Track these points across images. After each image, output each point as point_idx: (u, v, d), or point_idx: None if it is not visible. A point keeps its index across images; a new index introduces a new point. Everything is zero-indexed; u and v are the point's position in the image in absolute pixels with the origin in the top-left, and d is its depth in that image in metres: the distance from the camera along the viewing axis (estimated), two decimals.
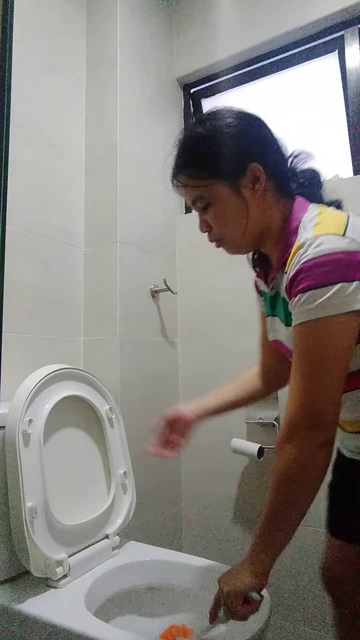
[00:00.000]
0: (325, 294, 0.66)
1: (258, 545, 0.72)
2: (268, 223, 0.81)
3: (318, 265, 0.67)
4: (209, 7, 1.82)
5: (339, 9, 1.53)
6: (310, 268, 0.67)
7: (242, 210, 0.80)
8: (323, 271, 0.66)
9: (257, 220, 0.80)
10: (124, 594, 1.11)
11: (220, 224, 0.83)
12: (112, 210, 1.52)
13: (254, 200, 0.79)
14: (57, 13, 1.54)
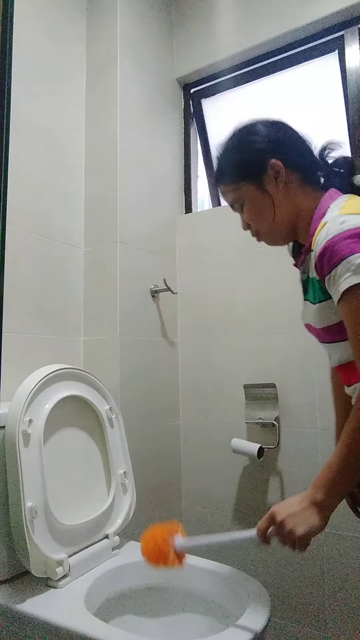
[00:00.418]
0: (351, 263, 0.70)
1: (331, 491, 0.75)
2: (297, 212, 0.87)
3: (344, 239, 0.71)
4: (209, 7, 1.82)
5: (339, 9, 1.53)
6: (337, 242, 0.72)
7: (269, 204, 0.87)
8: (349, 242, 0.71)
9: (285, 211, 0.87)
10: (124, 594, 1.11)
11: (253, 219, 0.90)
12: (112, 210, 1.52)
13: (278, 193, 0.86)
14: (57, 13, 1.54)
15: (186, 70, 1.87)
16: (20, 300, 1.33)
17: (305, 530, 0.74)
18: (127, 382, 1.48)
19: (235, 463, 1.61)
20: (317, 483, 0.76)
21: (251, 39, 1.70)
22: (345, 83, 1.58)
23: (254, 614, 0.91)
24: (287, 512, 0.76)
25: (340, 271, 0.72)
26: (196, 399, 1.72)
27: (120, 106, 1.56)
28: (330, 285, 0.75)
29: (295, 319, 1.52)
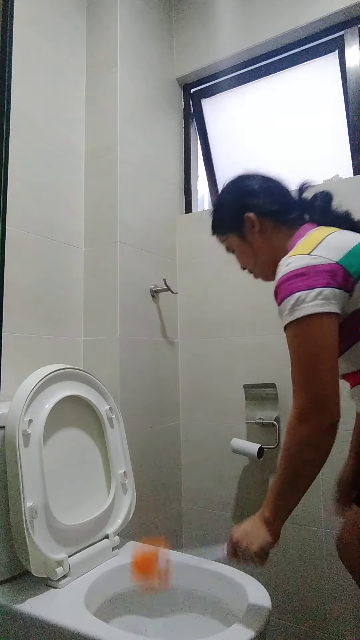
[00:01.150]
0: (292, 302, 0.82)
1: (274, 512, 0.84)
2: (275, 252, 0.99)
3: (285, 281, 0.84)
4: (209, 7, 1.82)
5: (339, 9, 1.53)
6: (281, 284, 0.84)
7: (250, 249, 1.03)
8: (288, 284, 0.83)
9: (265, 253, 1.01)
10: (124, 594, 1.11)
11: (242, 262, 1.07)
12: (112, 210, 1.52)
13: (256, 240, 1.01)
14: (57, 13, 1.54)
15: (186, 70, 1.87)
16: (20, 300, 1.33)
17: (258, 546, 0.82)
18: (127, 382, 1.48)
19: (235, 463, 1.61)
20: (265, 502, 0.85)
21: (251, 39, 1.70)
22: (345, 83, 1.58)
23: (254, 614, 0.91)
24: (241, 533, 0.85)
25: (281, 309, 0.84)
26: (196, 399, 1.72)
27: (120, 106, 1.56)
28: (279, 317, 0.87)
29: None
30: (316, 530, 1.43)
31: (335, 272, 0.82)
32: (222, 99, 1.87)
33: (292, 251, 0.87)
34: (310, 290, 0.80)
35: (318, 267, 0.82)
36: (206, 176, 1.94)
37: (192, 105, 1.93)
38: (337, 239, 0.87)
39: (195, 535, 1.68)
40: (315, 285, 0.81)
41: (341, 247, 0.85)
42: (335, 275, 0.82)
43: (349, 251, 0.84)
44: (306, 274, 0.82)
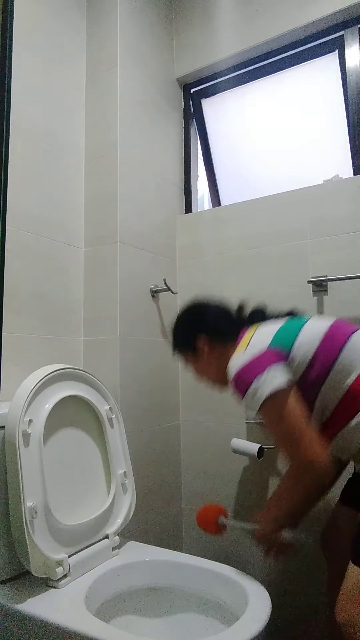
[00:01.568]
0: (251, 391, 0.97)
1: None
2: (224, 366, 1.12)
3: (237, 379, 1.01)
4: (209, 7, 1.82)
5: (339, 9, 1.53)
6: (235, 383, 1.02)
7: (203, 366, 1.21)
8: (241, 381, 1.00)
9: (216, 367, 1.18)
10: (124, 594, 1.11)
11: (200, 377, 1.25)
12: (112, 210, 1.52)
13: (209, 359, 1.19)
14: (57, 13, 1.54)
15: (186, 70, 1.87)
16: (20, 300, 1.33)
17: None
18: (127, 382, 1.48)
19: (235, 463, 1.61)
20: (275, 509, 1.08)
21: (251, 39, 1.70)
22: (345, 83, 1.58)
23: (254, 614, 0.91)
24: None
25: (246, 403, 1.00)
26: (196, 399, 1.72)
27: (120, 106, 1.56)
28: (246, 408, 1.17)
29: None
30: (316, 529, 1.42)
31: (271, 354, 0.99)
32: (222, 99, 1.87)
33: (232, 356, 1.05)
34: (261, 375, 0.96)
35: (258, 355, 1.00)
36: (206, 176, 1.94)
37: (192, 105, 1.93)
38: (262, 331, 1.06)
39: (195, 535, 1.68)
40: (262, 370, 0.97)
41: (268, 334, 1.03)
42: (273, 356, 0.99)
43: (274, 335, 1.02)
44: (251, 365, 0.99)
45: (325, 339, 1.00)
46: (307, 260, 1.52)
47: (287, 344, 1.00)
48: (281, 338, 1.02)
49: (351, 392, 0.96)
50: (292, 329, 1.04)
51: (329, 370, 0.98)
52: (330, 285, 1.47)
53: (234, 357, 1.04)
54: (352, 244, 1.45)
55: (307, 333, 1.02)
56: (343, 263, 1.45)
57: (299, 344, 1.00)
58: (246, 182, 1.85)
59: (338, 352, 0.98)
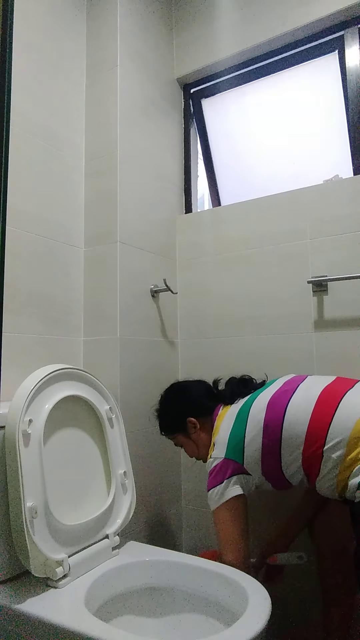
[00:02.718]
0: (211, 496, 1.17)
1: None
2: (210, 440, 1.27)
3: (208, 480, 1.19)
4: (209, 7, 1.82)
5: (339, 9, 1.53)
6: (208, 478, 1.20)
7: (193, 444, 1.32)
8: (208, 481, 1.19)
9: (205, 442, 1.29)
10: (124, 594, 1.11)
11: (190, 454, 1.35)
12: (112, 210, 1.52)
13: (198, 436, 1.31)
14: (57, 13, 1.54)
15: (186, 70, 1.87)
16: (20, 300, 1.33)
17: None
18: (127, 382, 1.48)
19: None
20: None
21: (251, 39, 1.70)
22: (345, 83, 1.58)
23: (254, 614, 0.91)
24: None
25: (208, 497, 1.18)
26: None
27: (120, 106, 1.56)
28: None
29: (295, 319, 1.52)
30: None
31: (228, 466, 1.15)
32: (222, 99, 1.87)
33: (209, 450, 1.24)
34: (215, 488, 1.15)
35: (217, 466, 1.16)
36: (206, 176, 1.94)
37: (192, 105, 1.93)
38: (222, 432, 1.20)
39: (195, 535, 1.68)
40: (218, 481, 1.15)
41: (223, 442, 1.17)
42: (228, 468, 1.15)
43: (227, 444, 1.16)
44: (212, 473, 1.17)
45: (265, 429, 1.12)
46: (307, 260, 1.52)
47: (239, 456, 1.15)
48: (232, 448, 1.16)
49: (306, 458, 1.08)
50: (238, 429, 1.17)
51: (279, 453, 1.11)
52: (330, 285, 1.47)
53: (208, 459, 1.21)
54: (352, 244, 1.45)
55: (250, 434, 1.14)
56: (343, 263, 1.45)
57: (246, 455, 1.14)
58: (246, 182, 1.85)
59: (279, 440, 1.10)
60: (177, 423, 1.33)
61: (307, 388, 1.14)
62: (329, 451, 1.04)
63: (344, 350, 1.43)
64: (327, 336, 1.47)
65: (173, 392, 1.40)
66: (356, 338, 1.42)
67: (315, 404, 1.08)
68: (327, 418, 1.05)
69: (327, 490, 1.08)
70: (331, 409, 1.05)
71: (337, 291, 1.46)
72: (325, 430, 1.04)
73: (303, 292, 1.51)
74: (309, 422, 1.07)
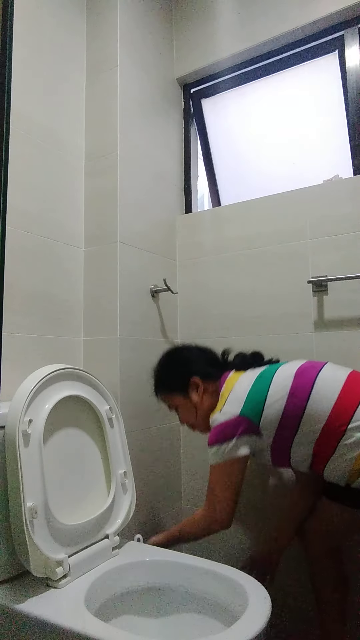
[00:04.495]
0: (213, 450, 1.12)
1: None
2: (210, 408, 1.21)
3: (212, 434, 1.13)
4: (209, 7, 1.82)
5: (339, 9, 1.53)
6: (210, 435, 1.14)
7: (192, 408, 1.25)
8: (212, 436, 1.13)
9: (205, 409, 1.22)
10: (124, 594, 1.11)
11: (185, 418, 1.29)
12: (112, 210, 1.52)
13: (199, 399, 1.23)
14: (57, 13, 1.54)
15: (186, 70, 1.87)
16: (20, 300, 1.33)
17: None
18: (127, 382, 1.48)
19: None
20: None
21: (251, 39, 1.70)
22: (345, 83, 1.58)
23: (254, 614, 0.91)
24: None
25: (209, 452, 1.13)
26: None
27: (120, 106, 1.56)
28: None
29: (295, 319, 1.52)
30: None
31: (241, 423, 1.09)
32: (222, 99, 1.87)
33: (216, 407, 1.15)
34: (222, 443, 1.09)
35: (228, 422, 1.10)
36: (206, 176, 1.94)
37: (192, 105, 1.93)
38: (238, 389, 1.13)
39: None
40: (227, 437, 1.09)
41: (240, 398, 1.11)
42: (241, 425, 1.09)
43: (245, 400, 1.10)
44: (220, 428, 1.10)
45: (290, 396, 1.08)
46: (307, 260, 1.52)
47: (256, 415, 1.09)
48: (251, 407, 1.10)
49: (324, 434, 1.04)
50: (260, 391, 1.11)
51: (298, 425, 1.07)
52: (330, 285, 1.47)
53: (215, 411, 1.15)
54: (352, 244, 1.45)
55: (273, 396, 1.09)
56: (343, 263, 1.45)
57: (265, 416, 1.09)
58: (246, 182, 1.85)
59: (303, 409, 1.06)
60: (178, 382, 1.25)
61: (332, 369, 1.12)
62: (354, 430, 1.01)
63: (344, 350, 1.43)
64: (327, 336, 1.47)
65: (177, 350, 1.32)
66: (356, 338, 1.42)
67: (345, 382, 1.06)
68: (357, 397, 1.03)
69: (337, 474, 1.05)
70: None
71: (337, 291, 1.46)
72: (353, 408, 1.01)
73: (303, 292, 1.51)
74: (337, 397, 1.04)
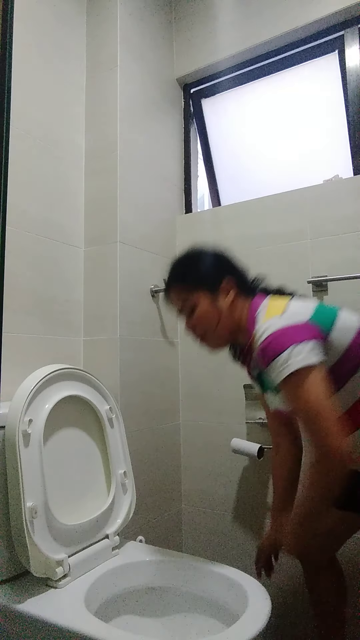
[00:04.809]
0: (285, 357, 0.87)
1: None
2: (237, 321, 1.04)
3: (270, 342, 0.90)
4: (209, 7, 1.82)
5: (339, 9, 1.53)
6: (266, 346, 0.90)
7: (216, 314, 1.03)
8: (274, 344, 0.89)
9: (227, 321, 1.03)
10: (124, 594, 1.11)
11: (200, 324, 1.05)
12: (112, 210, 1.52)
13: (225, 306, 1.03)
14: (57, 13, 1.54)
15: (186, 70, 1.87)
16: (20, 300, 1.33)
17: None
18: (127, 382, 1.48)
19: (235, 463, 1.61)
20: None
21: (251, 39, 1.70)
22: (345, 83, 1.58)
23: (254, 614, 0.91)
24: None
25: (274, 366, 0.89)
26: (196, 399, 1.72)
27: (120, 106, 1.56)
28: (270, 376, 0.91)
29: None
30: None
31: (312, 328, 0.91)
32: (222, 99, 1.87)
33: (264, 318, 0.96)
34: (297, 345, 0.87)
35: (298, 325, 0.91)
36: (206, 176, 1.94)
37: (192, 105, 1.93)
38: (296, 304, 0.97)
39: (195, 535, 1.68)
40: (303, 339, 0.88)
41: (305, 309, 0.95)
42: (312, 331, 0.91)
43: (313, 311, 0.95)
44: (289, 332, 0.90)
45: (358, 333, 0.95)
46: (307, 260, 1.52)
47: (327, 325, 0.93)
48: (321, 317, 0.93)
49: None
50: (328, 312, 0.96)
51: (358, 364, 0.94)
52: (330, 285, 1.47)
53: (268, 319, 0.93)
54: (352, 244, 1.45)
55: (343, 322, 0.95)
56: (343, 263, 1.45)
57: (338, 330, 0.93)
58: (246, 182, 1.85)
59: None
60: (209, 277, 1.04)
61: None
62: None
63: None
64: None
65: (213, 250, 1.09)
66: None
67: None
68: None
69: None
70: None
71: (337, 291, 1.46)
72: None
73: (303, 292, 1.51)
74: None
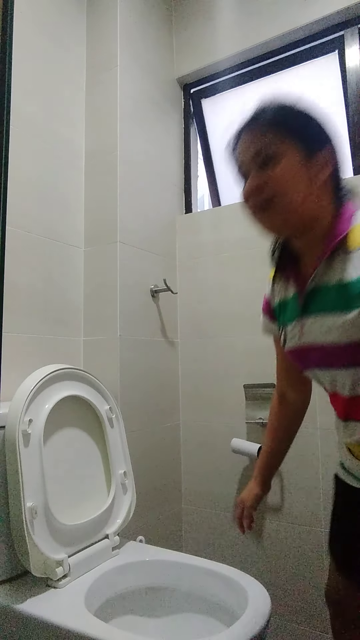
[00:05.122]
0: None
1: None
2: (318, 213, 0.78)
3: None
4: (209, 7, 1.82)
5: (339, 9, 1.53)
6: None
7: (303, 183, 0.75)
8: None
9: (312, 202, 0.76)
10: (124, 594, 1.11)
11: (278, 182, 0.74)
12: (112, 210, 1.52)
13: (316, 180, 0.76)
14: (57, 13, 1.54)
15: (186, 70, 1.87)
16: (20, 300, 1.33)
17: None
18: (127, 382, 1.48)
19: (235, 463, 1.61)
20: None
21: (251, 39, 1.70)
22: (345, 83, 1.58)
23: (254, 614, 0.91)
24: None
25: None
26: (196, 399, 1.72)
27: (120, 106, 1.56)
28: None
29: None
30: (316, 529, 1.43)
31: None
32: (222, 99, 1.87)
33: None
34: None
35: None
36: (206, 176, 1.94)
37: (192, 105, 1.93)
38: None
39: (195, 535, 1.68)
40: None
41: None
42: None
43: None
44: None
45: None
46: None
47: None
48: None
49: None
50: None
51: None
52: None
53: None
54: None
55: None
56: None
57: None
58: None
59: None
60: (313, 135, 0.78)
61: None
62: None
63: None
64: None
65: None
66: None
67: None
68: None
69: None
70: None
71: None
72: None
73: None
74: None
